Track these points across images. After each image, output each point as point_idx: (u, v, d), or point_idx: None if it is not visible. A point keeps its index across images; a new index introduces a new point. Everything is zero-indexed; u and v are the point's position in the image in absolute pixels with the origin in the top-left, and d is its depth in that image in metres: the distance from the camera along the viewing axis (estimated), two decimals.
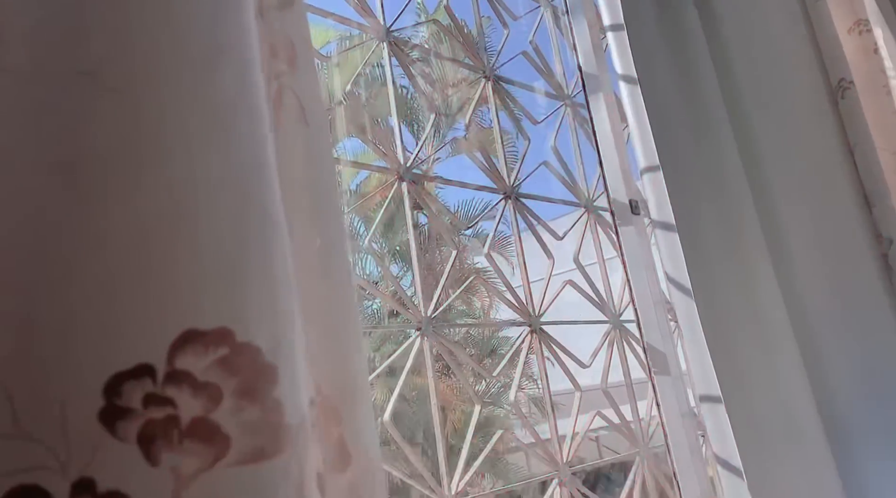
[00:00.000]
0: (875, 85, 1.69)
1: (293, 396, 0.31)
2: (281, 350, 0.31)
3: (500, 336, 6.92)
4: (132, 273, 0.29)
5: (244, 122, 0.33)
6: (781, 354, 0.92)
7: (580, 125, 1.78)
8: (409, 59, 1.56)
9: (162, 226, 0.30)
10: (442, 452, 1.21)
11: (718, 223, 0.97)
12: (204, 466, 0.28)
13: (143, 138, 0.30)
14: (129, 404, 0.28)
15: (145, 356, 0.29)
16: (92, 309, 0.29)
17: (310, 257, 0.45)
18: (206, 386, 0.29)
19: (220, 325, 0.29)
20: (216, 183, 0.31)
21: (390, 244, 6.87)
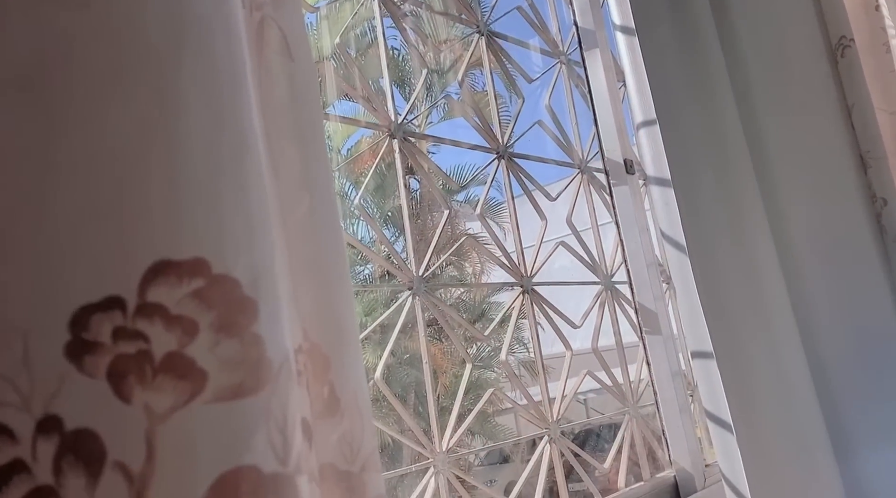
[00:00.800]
0: (875, 43, 1.66)
1: (274, 331, 0.29)
2: (260, 283, 0.29)
3: (490, 301, 6.96)
4: (99, 199, 0.27)
5: (220, 41, 0.31)
6: (774, 309, 0.92)
7: (575, 84, 1.74)
8: (401, 13, 1.51)
9: (130, 148, 0.28)
10: (433, 409, 1.21)
11: (714, 179, 0.95)
12: (179, 404, 0.26)
13: (107, 52, 0.28)
14: (97, 338, 0.26)
15: (114, 288, 0.27)
16: (56, 237, 0.27)
17: (297, 208, 0.43)
18: (179, 319, 0.27)
19: (194, 255, 0.28)
20: (188, 104, 0.29)
21: (381, 209, 6.82)
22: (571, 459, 1.33)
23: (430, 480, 1.14)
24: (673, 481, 1.35)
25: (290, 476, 0.27)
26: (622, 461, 1.43)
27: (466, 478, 1.24)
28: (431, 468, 1.15)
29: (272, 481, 0.26)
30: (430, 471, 1.14)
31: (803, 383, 0.90)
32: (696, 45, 1.07)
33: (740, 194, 0.99)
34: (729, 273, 0.91)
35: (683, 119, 0.95)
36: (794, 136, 1.31)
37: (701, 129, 0.98)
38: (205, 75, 0.29)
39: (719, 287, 0.89)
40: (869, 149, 1.54)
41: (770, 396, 0.86)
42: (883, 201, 1.52)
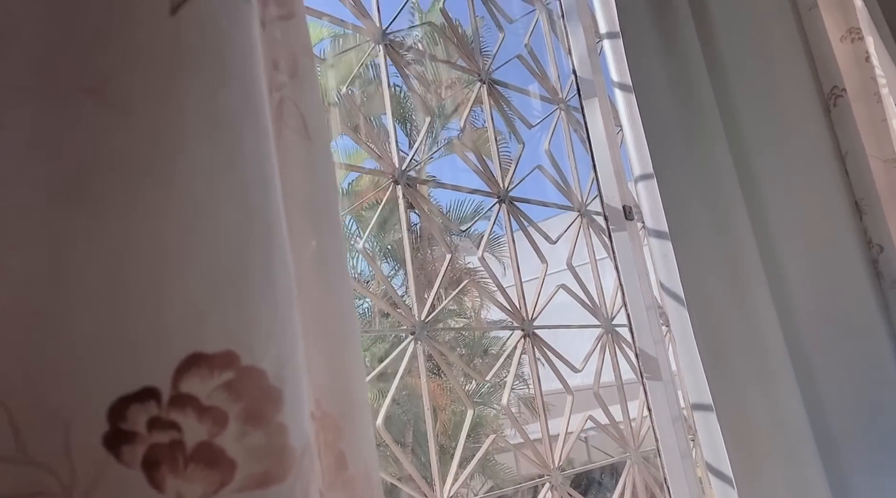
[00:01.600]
0: (866, 93, 1.71)
1: (297, 418, 0.31)
2: (285, 372, 0.31)
3: (491, 336, 6.93)
4: (137, 294, 0.29)
5: (249, 140, 0.33)
6: (773, 364, 0.93)
7: (574, 129, 1.78)
8: (405, 62, 1.55)
9: (167, 246, 0.30)
10: (434, 456, 1.21)
11: (712, 233, 0.97)
12: (209, 492, 0.28)
13: (148, 157, 0.30)
14: (134, 428, 0.28)
15: (150, 379, 0.28)
16: (97, 330, 0.28)
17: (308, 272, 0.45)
18: (211, 410, 0.28)
19: (225, 347, 0.29)
20: (221, 202, 0.31)
21: (382, 243, 6.85)
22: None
23: None
24: None
25: None
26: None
27: None
28: None
29: None
30: None
31: (803, 435, 0.90)
32: (692, 99, 1.10)
33: (738, 246, 1.01)
34: (727, 326, 0.92)
35: (680, 174, 0.98)
36: (790, 185, 1.34)
37: (697, 182, 1.00)
38: (235, 174, 0.32)
39: (718, 340, 0.90)
40: (863, 196, 1.58)
41: (770, 448, 0.87)
42: (879, 248, 1.54)
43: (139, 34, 0.30)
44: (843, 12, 1.72)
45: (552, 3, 1.79)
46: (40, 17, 0.29)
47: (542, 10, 1.82)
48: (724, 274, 0.96)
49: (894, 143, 1.64)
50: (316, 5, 1.33)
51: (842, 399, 1.14)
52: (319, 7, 1.34)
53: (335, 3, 1.38)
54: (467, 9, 1.73)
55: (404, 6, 1.53)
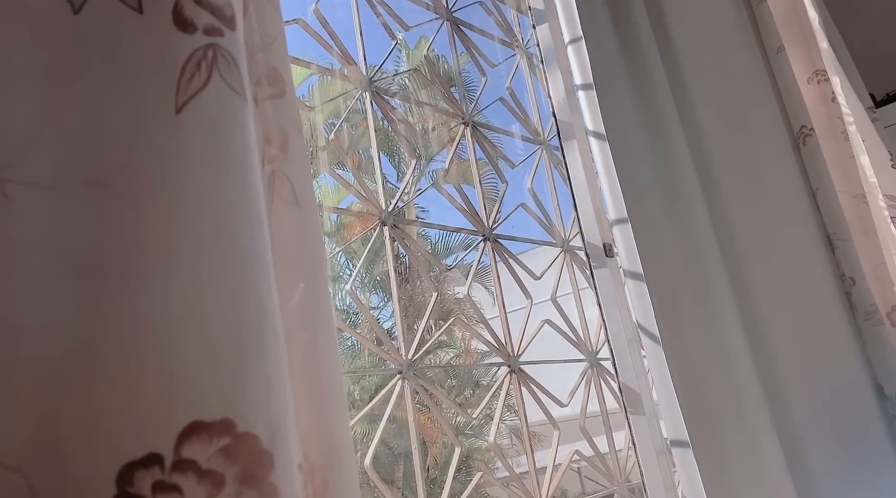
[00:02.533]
0: (834, 131, 1.78)
1: (287, 479, 0.34)
2: (277, 436, 0.34)
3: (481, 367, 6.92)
4: (144, 369, 0.32)
5: (245, 224, 0.37)
6: (749, 401, 0.97)
7: (556, 167, 1.84)
8: (390, 107, 1.61)
9: (172, 326, 0.33)
10: (422, 495, 1.22)
11: (687, 275, 1.02)
12: None
13: (154, 244, 0.34)
14: (140, 492, 0.31)
15: (154, 446, 0.31)
16: (109, 402, 0.32)
17: (295, 322, 0.48)
18: (209, 473, 0.32)
19: (223, 416, 0.33)
20: (220, 284, 0.34)
21: (371, 274, 6.88)
22: None
23: None
24: None
25: None
26: None
27: None
28: None
29: None
30: None
31: (780, 472, 0.93)
32: (665, 147, 1.16)
33: (711, 286, 1.05)
34: (703, 364, 0.96)
35: (654, 218, 1.03)
36: (763, 223, 1.40)
37: (672, 226, 1.05)
38: (233, 258, 0.35)
39: (693, 378, 0.94)
40: (835, 230, 1.64)
41: (747, 484, 0.90)
42: (851, 280, 1.60)
43: (147, 132, 0.34)
44: (808, 55, 1.80)
45: (532, 48, 1.87)
46: (61, 121, 0.33)
47: (522, 55, 1.90)
48: (699, 314, 1.00)
49: (862, 180, 1.71)
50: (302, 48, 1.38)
51: (819, 433, 1.17)
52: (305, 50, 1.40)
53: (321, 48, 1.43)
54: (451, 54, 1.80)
55: (390, 54, 1.60)
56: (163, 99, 0.35)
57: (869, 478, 1.24)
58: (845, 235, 1.66)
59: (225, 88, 0.37)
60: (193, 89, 0.35)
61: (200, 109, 0.35)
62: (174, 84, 0.35)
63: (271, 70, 0.52)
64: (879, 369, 1.49)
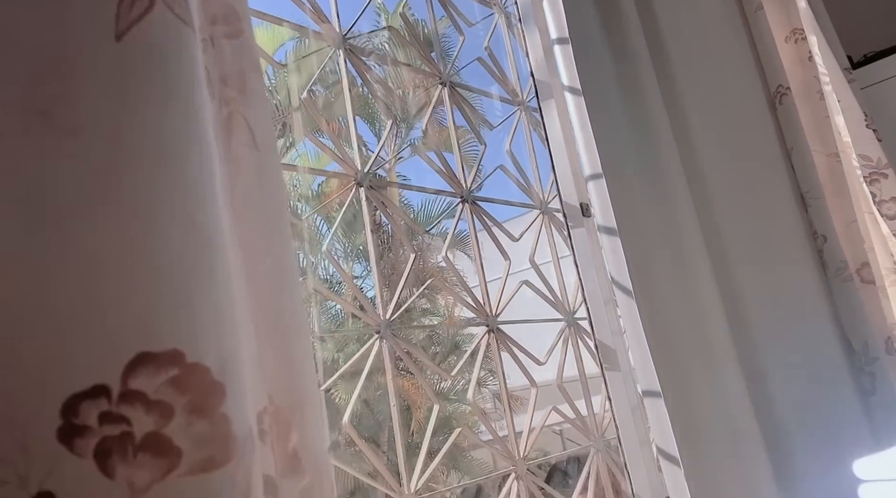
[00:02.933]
0: (810, 90, 1.78)
1: (240, 409, 0.34)
2: (228, 368, 0.33)
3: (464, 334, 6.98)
4: (86, 301, 0.32)
5: (194, 156, 0.36)
6: (719, 352, 0.98)
7: (534, 129, 1.83)
8: (366, 67, 1.58)
9: (116, 258, 0.32)
10: (401, 452, 1.24)
11: (659, 228, 1.02)
12: (157, 477, 0.30)
13: (96, 176, 0.33)
14: (85, 422, 0.30)
15: (101, 378, 0.31)
16: (52, 335, 0.31)
17: (260, 276, 0.48)
18: (158, 404, 0.31)
19: (170, 347, 0.32)
20: (166, 216, 0.34)
21: (353, 244, 6.85)
22: (539, 496, 1.37)
23: None
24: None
25: None
26: (589, 495, 1.47)
27: None
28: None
29: None
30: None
31: (747, 419, 0.96)
32: (640, 101, 1.15)
33: (684, 240, 1.06)
34: (674, 317, 0.97)
35: (628, 172, 1.03)
36: (737, 180, 1.40)
37: (645, 181, 1.05)
38: (179, 188, 0.34)
39: (665, 330, 0.95)
40: (808, 189, 1.65)
41: (715, 432, 0.92)
42: (823, 238, 1.62)
43: (85, 59, 0.33)
44: (786, 14, 1.79)
45: (510, 7, 1.84)
46: None
47: (500, 14, 1.86)
48: (671, 267, 1.01)
49: (836, 139, 1.72)
50: (276, 10, 1.34)
51: (789, 385, 1.20)
52: (280, 12, 1.36)
53: (295, 8, 1.39)
54: (427, 12, 1.76)
55: (364, 10, 1.56)
56: (101, 25, 0.33)
57: (836, 429, 1.27)
58: (818, 194, 1.68)
59: (170, 16, 0.35)
60: (135, 15, 0.34)
61: (143, 36, 0.34)
62: (114, 9, 0.34)
63: (227, 9, 0.50)
64: (848, 324, 1.53)
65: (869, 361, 1.50)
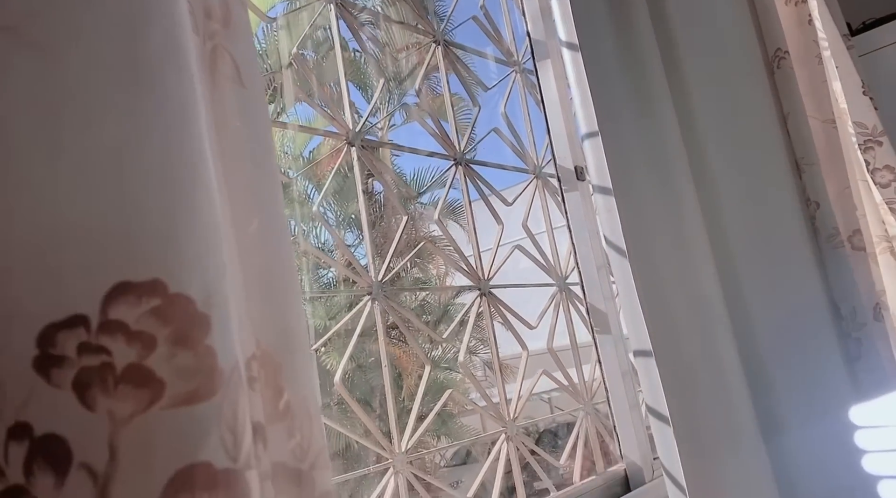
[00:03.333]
0: (808, 54, 1.76)
1: (225, 342, 0.32)
2: (213, 300, 0.32)
3: (456, 303, 7.01)
4: (62, 225, 0.30)
5: (172, 81, 0.34)
6: (711, 312, 0.98)
7: (530, 92, 1.80)
8: (358, 23, 1.54)
9: (92, 185, 0.30)
10: (392, 411, 1.24)
11: (654, 188, 1.01)
12: (139, 409, 0.29)
13: (70, 97, 0.31)
14: (63, 353, 0.29)
15: (79, 307, 0.30)
16: (26, 262, 0.29)
17: (245, 221, 0.46)
18: (139, 334, 0.30)
19: (152, 276, 0.31)
20: (144, 139, 0.32)
21: (345, 211, 6.81)
22: (528, 456, 1.38)
23: (390, 480, 1.17)
24: (623, 474, 1.41)
25: (240, 471, 0.31)
26: (577, 457, 1.48)
27: (426, 478, 1.28)
28: (391, 469, 1.18)
29: (224, 476, 0.30)
30: (390, 471, 1.18)
31: (736, 378, 0.96)
32: (637, 58, 1.13)
33: (679, 200, 1.05)
34: (667, 276, 0.97)
35: (624, 130, 1.01)
36: (732, 144, 1.39)
37: (641, 139, 1.04)
38: (157, 116, 0.32)
39: (657, 289, 0.95)
40: (803, 155, 1.64)
41: (705, 390, 0.92)
42: (816, 204, 1.62)
43: None
44: None
45: None
46: None
47: None
48: (666, 227, 1.00)
49: (833, 105, 1.71)
50: None
51: (778, 348, 1.20)
52: None
53: None
54: None
55: None
56: None
57: (823, 393, 1.29)
58: (812, 160, 1.67)
59: None
60: None
61: None
62: None
63: None
64: (837, 290, 1.53)
65: (856, 326, 1.51)
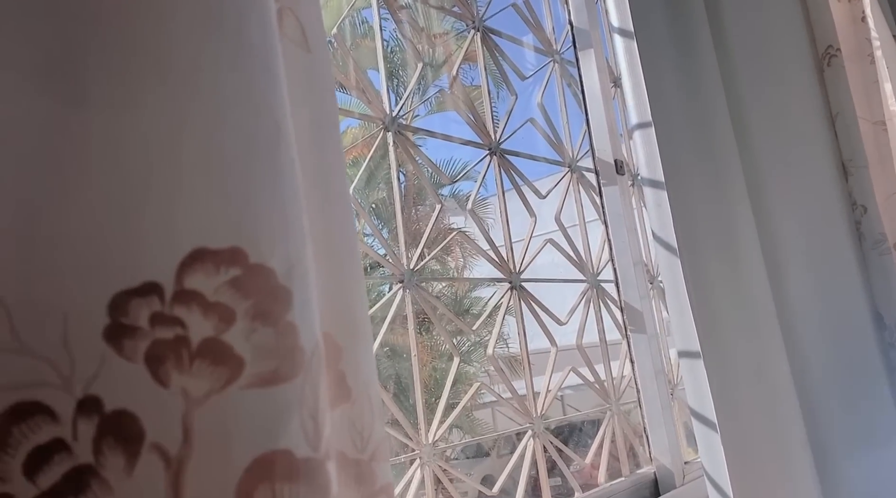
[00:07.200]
0: (860, 53, 1.70)
1: (307, 320, 0.30)
2: (294, 273, 0.30)
3: (472, 296, 6.98)
4: (140, 189, 0.28)
5: (255, 31, 0.31)
6: (759, 312, 0.95)
7: (567, 83, 1.75)
8: (397, 5, 1.51)
9: (171, 142, 0.28)
10: (419, 401, 1.22)
11: (706, 182, 0.97)
12: (215, 388, 0.27)
13: (144, 47, 0.28)
14: (135, 323, 0.27)
15: (152, 274, 0.27)
16: (95, 223, 0.27)
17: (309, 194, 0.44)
18: (217, 306, 0.27)
19: (232, 244, 0.28)
20: (227, 98, 0.29)
21: (367, 201, 6.81)
22: (554, 454, 1.35)
23: (416, 471, 1.15)
24: (653, 477, 1.38)
25: (322, 461, 0.28)
26: (603, 457, 1.45)
27: (450, 470, 1.25)
28: (418, 460, 1.16)
29: (305, 466, 0.27)
30: (417, 462, 1.15)
31: (786, 385, 0.92)
32: (691, 51, 1.09)
33: (730, 198, 1.01)
34: (717, 275, 0.93)
35: (677, 123, 0.97)
36: (781, 143, 1.34)
37: (694, 133, 1.00)
38: (241, 66, 0.30)
39: (707, 289, 0.91)
40: (851, 157, 1.59)
41: (753, 396, 0.89)
42: (863, 209, 1.56)
43: None
44: None
45: None
46: None
47: None
48: (716, 225, 0.97)
49: (885, 106, 1.65)
50: None
51: (823, 354, 1.16)
52: None
53: None
54: None
55: None
56: None
57: (865, 403, 1.25)
58: (861, 163, 1.62)
59: None
60: None
61: None
62: None
63: None
64: (881, 298, 1.48)
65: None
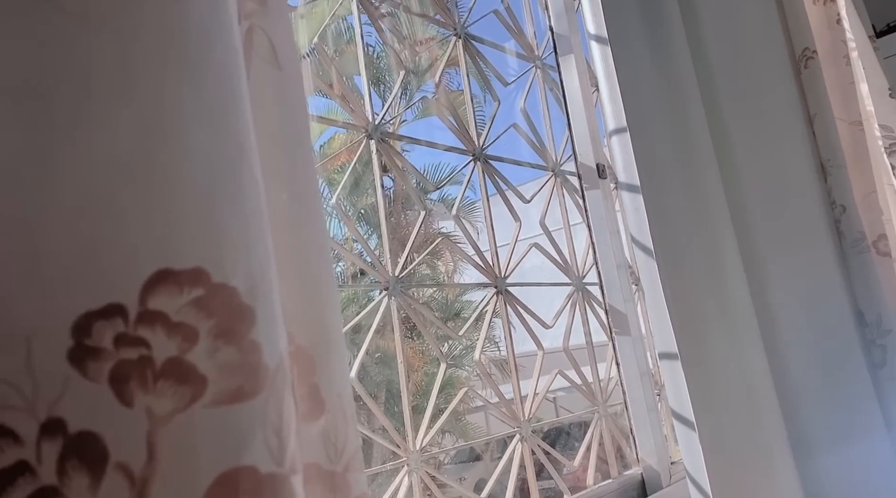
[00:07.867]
0: (836, 55, 1.72)
1: (271, 337, 0.30)
2: (258, 290, 0.30)
3: (463, 300, 6.99)
4: (100, 208, 0.28)
5: (218, 52, 0.32)
6: (738, 312, 0.96)
7: (549, 88, 1.77)
8: (378, 13, 1.51)
9: (131, 159, 0.28)
10: (407, 408, 1.22)
11: (682, 185, 0.99)
12: (179, 407, 0.27)
13: (110, 69, 0.29)
14: (99, 344, 0.27)
15: (116, 296, 0.28)
16: (58, 245, 0.27)
17: (280, 209, 0.44)
18: (180, 326, 0.28)
19: (194, 264, 0.29)
20: (188, 117, 0.30)
21: (355, 207, 6.80)
22: (542, 457, 1.36)
23: (404, 478, 1.15)
24: (640, 478, 1.39)
25: (286, 476, 0.28)
26: (591, 459, 1.46)
27: (438, 476, 1.26)
28: (405, 467, 1.16)
29: (269, 481, 0.27)
30: (404, 470, 1.16)
31: (764, 384, 0.94)
32: (667, 56, 1.10)
33: (707, 200, 1.02)
34: (695, 277, 0.94)
35: (653, 127, 0.98)
36: (759, 144, 1.36)
37: (670, 137, 1.01)
38: (204, 87, 0.30)
39: (685, 291, 0.92)
40: (829, 157, 1.61)
41: (732, 396, 0.90)
42: (842, 208, 1.58)
43: None
44: None
45: None
46: None
47: None
48: (694, 227, 0.98)
49: (861, 106, 1.67)
50: None
51: (803, 354, 1.17)
52: None
53: None
54: None
55: None
56: None
57: (846, 400, 1.26)
58: (839, 163, 1.64)
59: None
60: None
61: None
62: None
63: None
64: (862, 296, 1.50)
65: (881, 333, 1.48)
